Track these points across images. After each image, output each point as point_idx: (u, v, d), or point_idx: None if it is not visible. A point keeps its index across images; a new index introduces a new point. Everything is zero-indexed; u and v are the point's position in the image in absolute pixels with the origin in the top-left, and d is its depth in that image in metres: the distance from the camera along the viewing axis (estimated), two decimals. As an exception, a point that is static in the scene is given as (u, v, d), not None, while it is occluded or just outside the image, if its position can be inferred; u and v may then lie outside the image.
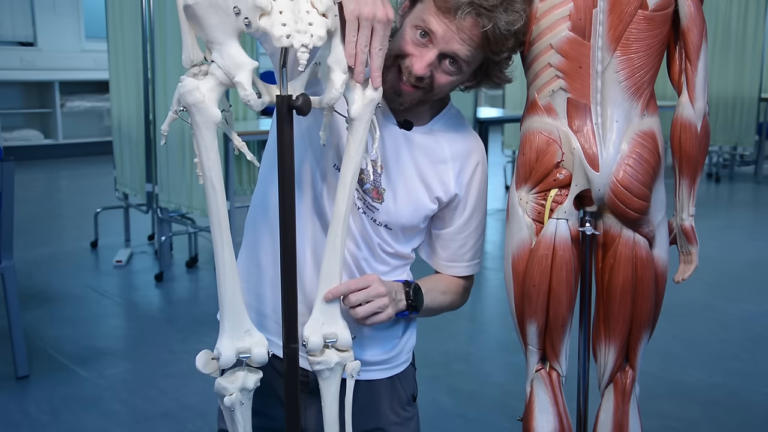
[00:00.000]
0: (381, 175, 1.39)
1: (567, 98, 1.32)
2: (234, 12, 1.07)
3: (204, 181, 1.15)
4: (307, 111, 1.14)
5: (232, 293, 1.18)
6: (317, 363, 1.24)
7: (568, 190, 1.34)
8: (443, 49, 1.28)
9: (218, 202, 1.15)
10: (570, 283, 1.36)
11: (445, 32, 1.27)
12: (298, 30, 1.08)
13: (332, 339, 1.25)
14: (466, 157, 1.45)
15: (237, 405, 1.21)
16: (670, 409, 2.83)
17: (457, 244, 1.48)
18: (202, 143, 1.13)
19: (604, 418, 1.45)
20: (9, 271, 2.97)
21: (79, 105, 8.84)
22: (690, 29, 1.33)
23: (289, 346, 1.21)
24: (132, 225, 5.22)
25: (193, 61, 1.14)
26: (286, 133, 1.15)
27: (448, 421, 2.77)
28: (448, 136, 1.44)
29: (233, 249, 1.18)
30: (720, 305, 4.01)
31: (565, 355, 1.42)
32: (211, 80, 1.11)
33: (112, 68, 5.03)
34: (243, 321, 1.20)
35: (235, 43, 1.10)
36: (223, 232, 1.16)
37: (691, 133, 1.37)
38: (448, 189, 1.43)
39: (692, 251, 1.45)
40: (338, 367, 1.26)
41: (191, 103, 1.11)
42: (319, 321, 1.25)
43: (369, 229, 1.40)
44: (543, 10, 1.31)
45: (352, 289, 1.26)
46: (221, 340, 1.19)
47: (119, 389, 3.01)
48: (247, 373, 1.22)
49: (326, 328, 1.25)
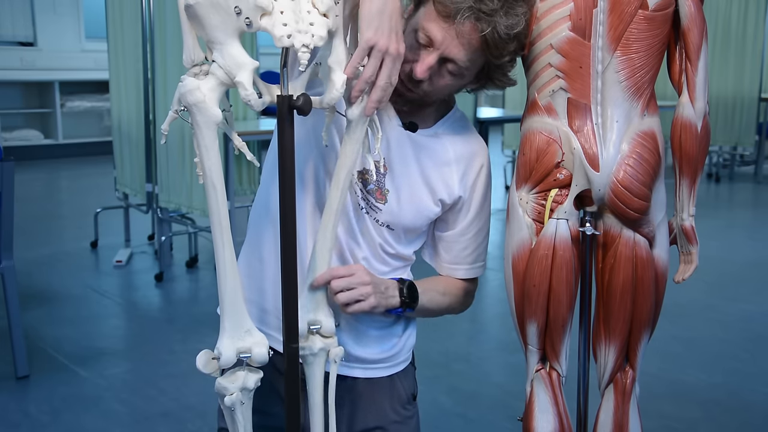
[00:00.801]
0: (385, 175, 1.39)
1: (567, 98, 1.32)
2: (235, 12, 1.07)
3: (204, 181, 1.15)
4: (307, 111, 1.15)
5: (233, 293, 1.19)
6: (301, 348, 1.26)
7: (568, 190, 1.34)
8: (443, 54, 1.29)
9: (219, 202, 1.15)
10: (570, 283, 1.36)
11: (444, 37, 1.27)
12: (299, 30, 1.09)
13: (316, 326, 1.27)
14: (470, 159, 1.45)
15: (237, 405, 1.21)
16: (670, 409, 2.83)
17: (459, 246, 1.48)
18: (202, 143, 1.13)
19: (604, 418, 1.45)
20: (9, 271, 2.97)
21: (79, 105, 8.83)
22: (690, 29, 1.33)
23: (290, 345, 1.22)
24: (132, 225, 5.22)
25: (194, 61, 1.14)
26: (287, 133, 1.16)
27: (447, 421, 2.77)
28: (453, 139, 1.44)
29: (234, 249, 1.18)
30: (720, 305, 4.01)
31: (565, 355, 1.42)
32: (212, 80, 1.11)
33: (112, 68, 5.03)
34: (244, 320, 1.20)
35: (236, 43, 1.10)
36: (224, 231, 1.16)
37: (692, 133, 1.37)
38: (451, 191, 1.43)
39: (692, 251, 1.45)
40: (322, 352, 1.28)
41: (192, 102, 1.11)
42: (305, 308, 1.27)
43: (371, 229, 1.40)
44: (543, 10, 1.31)
45: (335, 276, 1.28)
46: (222, 340, 1.19)
47: (119, 389, 3.01)
48: (248, 372, 1.22)
49: (311, 315, 1.28)
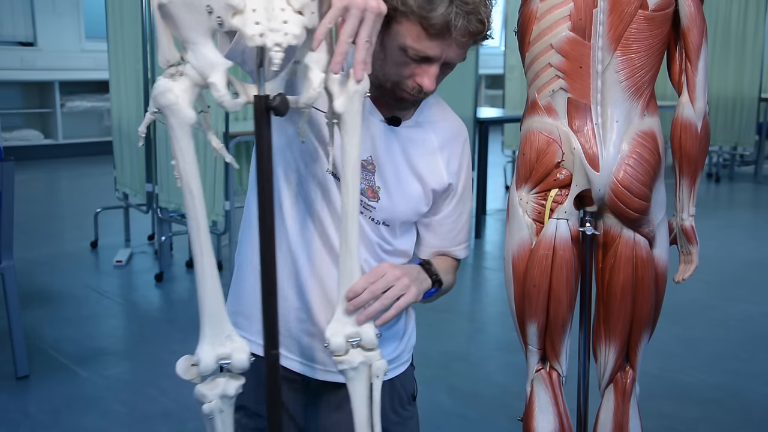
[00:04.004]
0: (374, 173, 1.38)
1: (567, 98, 1.32)
2: (207, 11, 1.04)
3: (181, 185, 1.11)
4: (284, 111, 1.11)
5: (212, 298, 1.15)
6: (341, 363, 1.21)
7: (568, 190, 1.34)
8: (443, 62, 1.28)
9: (196, 206, 1.11)
10: (570, 283, 1.36)
11: (442, 51, 1.26)
12: (271, 28, 1.05)
13: (356, 338, 1.22)
14: (453, 140, 1.45)
15: (216, 412, 1.17)
16: (670, 409, 2.83)
17: (445, 228, 1.48)
18: (177, 146, 1.09)
19: (604, 418, 1.45)
20: (9, 271, 2.97)
21: (79, 105, 8.83)
22: (690, 29, 1.33)
23: (270, 352, 1.18)
24: (132, 225, 5.22)
25: (169, 62, 1.11)
26: (264, 134, 1.12)
27: (447, 421, 2.77)
28: (435, 125, 1.44)
29: (213, 253, 1.14)
30: (720, 305, 4.01)
31: (565, 355, 1.42)
32: (186, 81, 1.08)
33: (112, 68, 5.02)
34: (224, 326, 1.16)
35: (209, 43, 1.07)
36: (202, 236, 1.12)
37: (692, 133, 1.37)
38: (441, 179, 1.43)
39: (692, 251, 1.45)
40: (363, 366, 1.22)
41: (164, 104, 1.08)
42: (342, 322, 1.22)
43: (368, 229, 1.40)
44: (543, 10, 1.31)
45: (369, 282, 1.22)
46: (201, 346, 1.16)
47: (119, 389, 3.01)
48: (228, 379, 1.18)
49: (349, 328, 1.22)
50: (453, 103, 1.51)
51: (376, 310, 1.22)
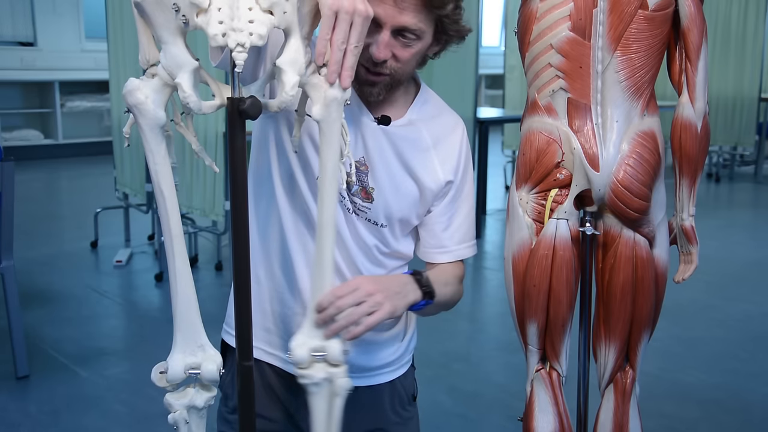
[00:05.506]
0: (367, 174, 1.36)
1: (567, 98, 1.32)
2: (173, 9, 1.02)
3: (153, 187, 1.08)
4: (255, 115, 1.07)
5: (186, 305, 1.11)
6: (302, 377, 1.15)
7: (568, 190, 1.34)
8: (393, 26, 1.24)
9: (168, 209, 1.08)
10: (570, 283, 1.36)
11: (386, 12, 1.23)
12: (234, 28, 1.01)
13: (321, 353, 1.15)
14: (448, 137, 1.43)
15: (181, 423, 1.15)
16: (670, 409, 2.83)
17: (441, 226, 1.44)
18: (147, 146, 1.06)
19: (604, 418, 1.45)
20: (9, 271, 2.97)
21: (79, 105, 8.83)
22: (690, 29, 1.33)
23: (242, 363, 1.14)
24: (132, 225, 5.22)
25: (149, 61, 1.09)
26: (237, 137, 1.08)
27: (448, 421, 2.77)
28: (428, 123, 1.41)
29: (187, 258, 1.12)
30: (720, 305, 4.01)
31: (565, 355, 1.42)
32: (157, 81, 1.06)
33: (112, 68, 5.03)
34: (197, 335, 1.13)
35: (179, 42, 1.04)
36: (175, 240, 1.09)
37: (692, 133, 1.37)
38: (437, 177, 1.40)
39: (692, 251, 1.45)
40: (325, 383, 1.15)
41: (132, 104, 1.06)
42: (308, 334, 1.16)
43: (364, 232, 1.38)
44: (543, 10, 1.31)
45: (338, 296, 1.17)
46: (172, 354, 1.13)
47: (119, 389, 3.01)
48: (198, 390, 1.15)
49: (315, 342, 1.16)
50: (453, 103, 1.51)
51: (341, 326, 1.16)
